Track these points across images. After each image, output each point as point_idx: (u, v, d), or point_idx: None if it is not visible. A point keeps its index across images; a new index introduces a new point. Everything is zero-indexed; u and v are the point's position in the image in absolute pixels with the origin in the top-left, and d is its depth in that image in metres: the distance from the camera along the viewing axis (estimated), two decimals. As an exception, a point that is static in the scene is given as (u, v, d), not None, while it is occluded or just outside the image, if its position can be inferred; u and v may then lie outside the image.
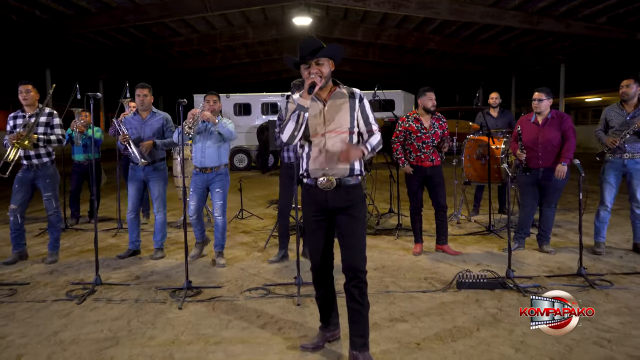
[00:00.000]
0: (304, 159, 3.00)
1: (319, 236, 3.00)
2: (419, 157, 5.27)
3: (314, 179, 2.93)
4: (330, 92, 2.99)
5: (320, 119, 2.95)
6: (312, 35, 3.05)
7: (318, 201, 2.93)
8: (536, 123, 5.22)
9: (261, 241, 5.97)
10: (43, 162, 5.01)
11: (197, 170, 4.99)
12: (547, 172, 5.12)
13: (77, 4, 14.78)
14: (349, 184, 2.91)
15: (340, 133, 2.92)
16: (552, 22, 16.37)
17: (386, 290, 4.12)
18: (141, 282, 4.45)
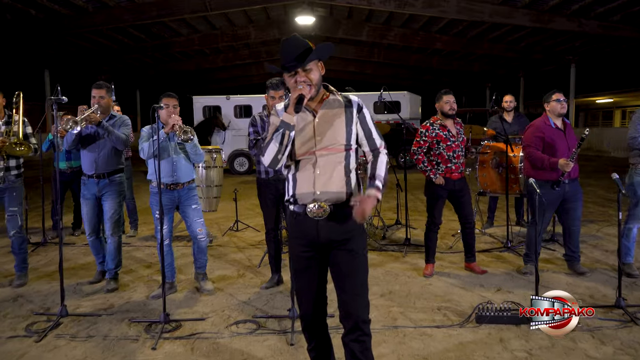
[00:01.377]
0: (290, 182, 2.43)
1: (309, 277, 2.42)
2: (448, 169, 4.71)
3: (302, 206, 2.37)
4: (322, 100, 2.43)
5: (309, 133, 2.38)
6: (294, 34, 2.46)
7: (307, 233, 2.37)
8: (559, 129, 4.67)
9: (255, 258, 5.44)
10: (12, 175, 4.50)
11: (163, 187, 4.17)
12: (574, 184, 4.57)
13: (74, 3, 14.36)
14: (345, 211, 2.34)
15: (334, 151, 2.36)
16: (563, 20, 15.85)
17: (394, 325, 3.56)
18: (115, 311, 3.92)
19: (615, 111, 28.96)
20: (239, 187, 7.87)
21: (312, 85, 2.33)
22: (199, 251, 4.40)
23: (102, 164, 4.38)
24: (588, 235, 6.27)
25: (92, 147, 4.39)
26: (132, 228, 6.72)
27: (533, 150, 4.65)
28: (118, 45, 20.01)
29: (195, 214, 4.35)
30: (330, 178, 2.34)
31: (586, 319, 3.54)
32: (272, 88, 4.05)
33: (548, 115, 4.70)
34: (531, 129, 4.81)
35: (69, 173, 6.41)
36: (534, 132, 4.72)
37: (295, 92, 2.29)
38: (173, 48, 20.88)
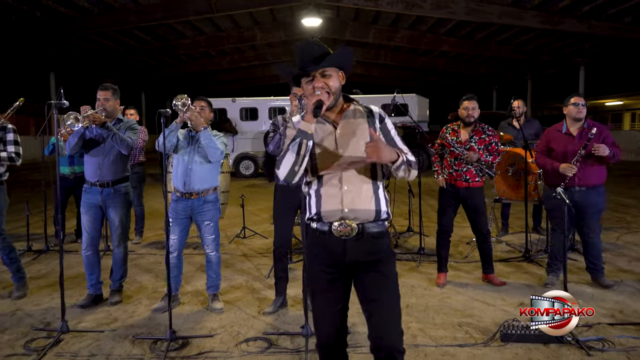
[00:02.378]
0: (313, 198, 2.24)
1: (331, 300, 2.21)
2: (451, 175, 4.55)
3: (327, 224, 2.18)
4: (342, 110, 2.25)
5: (331, 146, 2.20)
6: (314, 38, 2.27)
7: (332, 252, 2.18)
8: (569, 134, 4.46)
9: (264, 268, 5.24)
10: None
11: (177, 195, 4.02)
12: (586, 193, 4.34)
13: (79, 5, 14.28)
14: (373, 231, 2.18)
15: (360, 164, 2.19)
16: (574, 22, 15.66)
17: (415, 344, 3.35)
18: (119, 327, 3.72)
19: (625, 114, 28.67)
20: (245, 191, 7.70)
21: (331, 93, 2.15)
22: (208, 267, 4.13)
23: (107, 171, 4.14)
24: (608, 243, 6.03)
25: (96, 152, 4.15)
26: (137, 235, 6.54)
27: (538, 155, 4.66)
28: (123, 47, 19.91)
29: (207, 231, 4.05)
30: (360, 194, 2.17)
31: (620, 339, 3.33)
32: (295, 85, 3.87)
33: (565, 119, 4.54)
34: (543, 134, 4.80)
35: (72, 179, 6.25)
36: (542, 137, 4.73)
37: (313, 97, 2.11)
38: (178, 50, 20.77)
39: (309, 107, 2.12)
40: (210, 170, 4.08)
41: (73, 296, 4.38)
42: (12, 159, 4.29)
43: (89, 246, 4.20)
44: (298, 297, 4.24)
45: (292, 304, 4.15)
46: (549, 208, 4.66)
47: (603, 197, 4.50)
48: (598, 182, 4.41)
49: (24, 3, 13.68)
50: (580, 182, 4.34)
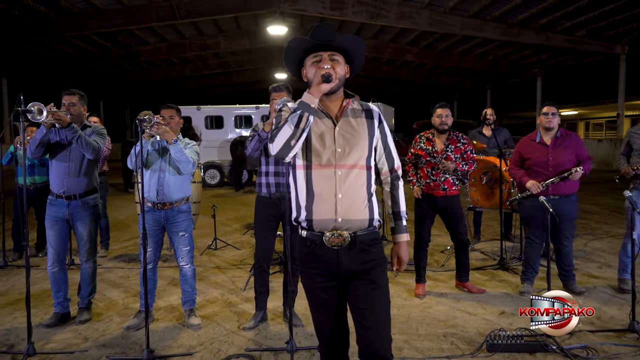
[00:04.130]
0: (302, 197, 2.13)
1: (329, 308, 2.17)
2: (428, 185, 4.54)
3: (319, 234, 2.10)
4: (343, 107, 2.19)
5: (328, 141, 2.12)
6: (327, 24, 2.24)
7: (326, 263, 2.12)
8: (543, 143, 4.54)
9: (239, 280, 5.10)
10: None
11: (148, 205, 3.82)
12: (559, 202, 4.40)
13: (34, 9, 13.75)
14: (366, 238, 2.12)
15: (357, 168, 2.12)
16: (532, 34, 16.26)
17: (401, 357, 3.29)
18: (90, 347, 3.50)
19: (579, 123, 29.80)
20: (212, 201, 7.52)
21: (336, 76, 2.09)
22: (183, 281, 3.96)
23: (73, 183, 3.89)
24: (576, 250, 6.14)
25: (62, 159, 3.88)
26: (103, 247, 6.26)
27: (511, 166, 4.74)
28: (81, 53, 19.33)
29: (182, 242, 3.89)
30: (354, 203, 2.10)
31: (603, 346, 3.37)
32: (274, 90, 3.76)
33: (539, 128, 4.62)
34: (517, 145, 4.85)
35: (32, 190, 5.94)
36: (516, 148, 4.80)
37: (320, 70, 2.06)
38: (140, 57, 20.32)
39: (317, 79, 2.05)
40: (183, 179, 3.94)
41: (37, 315, 4.11)
42: None
43: (55, 262, 3.94)
44: (278, 311, 4.13)
45: (272, 317, 4.03)
46: (524, 217, 4.72)
47: (575, 205, 4.58)
48: (570, 191, 4.49)
49: (-25, 6, 13.09)
50: (554, 191, 4.41)
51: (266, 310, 3.99)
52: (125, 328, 3.81)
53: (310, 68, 2.15)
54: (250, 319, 3.91)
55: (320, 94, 2.07)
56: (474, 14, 15.15)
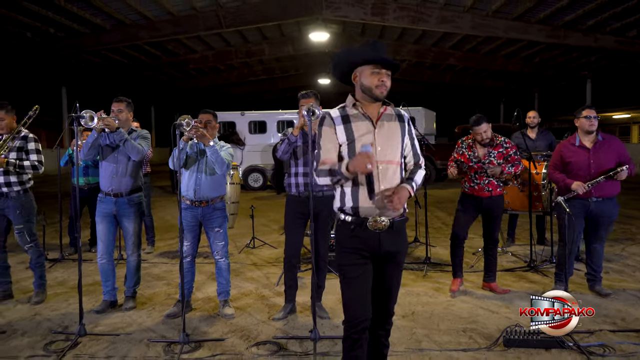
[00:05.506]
0: (349, 192, 2.51)
1: (363, 283, 2.50)
2: (473, 188, 4.67)
3: (361, 218, 2.48)
4: (381, 113, 2.56)
5: (369, 140, 2.47)
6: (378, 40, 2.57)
7: (368, 244, 2.49)
8: (583, 147, 4.54)
9: (273, 276, 5.36)
10: (14, 191, 4.43)
11: (186, 203, 4.15)
12: (602, 204, 4.43)
13: (91, 21, 14.62)
14: (401, 224, 2.57)
15: (393, 164, 2.51)
16: (579, 36, 15.80)
17: (419, 348, 3.46)
18: (133, 331, 3.85)
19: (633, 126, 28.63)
20: (253, 203, 7.82)
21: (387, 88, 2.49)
22: (218, 274, 4.28)
23: (120, 182, 4.27)
24: (613, 254, 6.11)
25: (110, 159, 4.27)
26: (150, 244, 6.70)
27: (551, 170, 4.72)
28: (134, 62, 20.28)
29: (217, 237, 4.21)
30: None
31: (621, 345, 3.42)
32: (302, 97, 4.04)
33: (577, 131, 4.62)
34: (556, 149, 4.85)
35: (87, 189, 6.43)
36: (555, 152, 4.80)
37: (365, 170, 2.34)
38: (188, 65, 21.12)
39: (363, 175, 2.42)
40: (218, 179, 4.24)
41: (89, 302, 4.51)
42: (35, 167, 4.46)
43: (104, 254, 4.34)
44: (306, 304, 4.35)
45: (300, 310, 4.26)
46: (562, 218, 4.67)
47: (617, 208, 4.58)
48: (613, 193, 4.50)
49: (39, 20, 14.04)
50: (597, 193, 4.43)
51: (295, 303, 4.24)
52: (166, 316, 4.15)
53: (370, 77, 2.45)
54: (280, 311, 4.17)
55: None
56: (518, 16, 14.91)
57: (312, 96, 4.01)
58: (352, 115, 2.52)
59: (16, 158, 4.41)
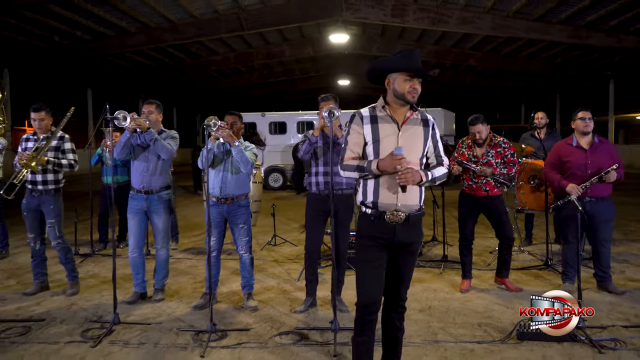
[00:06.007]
0: (371, 187, 2.72)
1: (377, 268, 2.73)
2: (470, 187, 4.81)
3: (381, 212, 2.70)
4: (407, 118, 2.76)
5: (393, 144, 2.69)
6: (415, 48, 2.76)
7: (384, 233, 2.71)
8: (580, 148, 4.63)
9: (294, 272, 5.55)
10: (48, 189, 4.69)
11: (213, 200, 4.37)
12: (597, 204, 4.52)
13: (117, 25, 14.99)
14: (417, 218, 2.77)
15: (413, 165, 2.69)
16: (602, 36, 15.64)
17: (435, 340, 3.61)
18: (163, 320, 4.07)
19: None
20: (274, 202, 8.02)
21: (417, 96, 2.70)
22: (242, 268, 4.49)
23: (151, 180, 4.50)
24: (632, 254, 6.15)
25: (141, 158, 4.51)
26: (174, 241, 6.94)
27: (547, 170, 4.80)
28: (157, 64, 20.71)
29: (242, 233, 4.41)
30: (410, 192, 2.67)
31: (632, 339, 3.52)
32: (322, 100, 4.25)
33: (574, 133, 4.72)
34: (553, 148, 4.93)
35: (116, 188, 6.69)
36: (552, 151, 4.88)
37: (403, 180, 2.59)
38: (210, 66, 21.47)
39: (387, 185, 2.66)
40: (243, 177, 4.45)
41: (120, 294, 4.68)
42: (71, 165, 4.73)
43: (135, 248, 4.58)
44: (326, 299, 4.52)
45: (321, 304, 4.44)
46: (561, 218, 4.77)
47: (611, 207, 4.66)
48: (606, 193, 4.60)
49: (66, 24, 14.47)
50: (591, 193, 4.52)
51: (315, 297, 4.42)
52: (193, 307, 4.36)
53: (403, 83, 2.65)
54: (301, 304, 4.35)
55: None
56: (539, 17, 14.84)
57: (331, 99, 4.20)
58: (380, 117, 2.73)
59: (54, 157, 4.67)
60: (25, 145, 4.72)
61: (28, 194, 4.73)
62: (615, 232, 7.11)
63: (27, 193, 4.73)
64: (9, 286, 5.06)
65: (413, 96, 2.66)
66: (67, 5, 13.01)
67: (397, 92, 2.67)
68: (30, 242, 4.80)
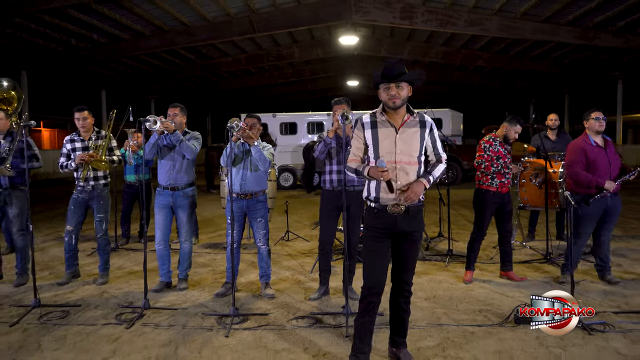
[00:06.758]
0: (373, 182, 3.08)
1: (381, 255, 3.07)
2: (502, 183, 5.08)
3: (384, 205, 3.05)
4: (404, 120, 3.08)
5: (391, 145, 3.04)
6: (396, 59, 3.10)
7: (386, 223, 3.06)
8: (600, 147, 4.91)
9: (307, 265, 5.88)
10: (100, 185, 5.14)
11: (234, 196, 4.68)
12: (614, 199, 4.83)
13: (132, 28, 15.38)
14: (416, 210, 3.10)
15: (410, 164, 3.04)
16: (609, 37, 15.76)
17: (439, 323, 3.93)
18: (189, 306, 4.44)
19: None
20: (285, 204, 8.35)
21: (400, 98, 3.01)
22: (260, 259, 4.83)
23: (176, 177, 4.86)
24: (630, 249, 6.42)
25: (168, 158, 4.88)
26: (193, 236, 7.28)
27: (578, 170, 4.82)
28: (170, 66, 21.13)
29: (260, 227, 4.76)
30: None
31: (621, 324, 3.81)
32: (335, 103, 4.62)
33: (588, 132, 4.96)
34: (573, 148, 4.99)
35: (137, 185, 7.08)
36: (577, 151, 4.91)
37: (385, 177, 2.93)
38: (221, 68, 21.85)
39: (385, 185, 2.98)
40: (261, 175, 4.81)
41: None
42: (120, 161, 5.32)
43: (161, 241, 4.95)
44: (338, 288, 4.85)
45: (333, 293, 4.77)
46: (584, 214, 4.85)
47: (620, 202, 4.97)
48: (618, 189, 4.89)
49: (84, 27, 14.91)
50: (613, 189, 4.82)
51: (328, 286, 4.75)
52: (215, 295, 4.72)
53: (382, 92, 3.04)
54: (315, 292, 4.70)
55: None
56: (546, 18, 15.01)
57: (344, 102, 4.54)
58: (380, 122, 3.09)
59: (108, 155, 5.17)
60: (73, 146, 5.16)
61: (80, 189, 5.13)
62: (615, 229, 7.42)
63: (78, 189, 5.13)
64: (43, 277, 5.43)
65: (394, 102, 2.98)
66: (85, 10, 13.44)
67: (383, 101, 3.05)
68: (65, 236, 5.17)
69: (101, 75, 21.05)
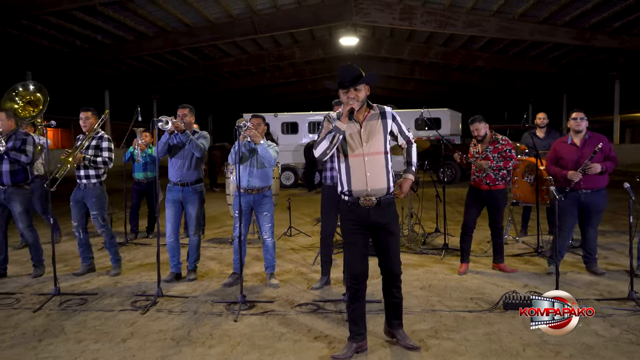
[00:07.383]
0: (344, 177, 3.34)
1: (359, 247, 3.33)
2: (474, 180, 5.46)
3: (356, 198, 3.29)
4: (366, 115, 3.36)
5: (357, 139, 3.29)
6: (350, 63, 3.37)
7: (360, 216, 3.30)
8: (574, 144, 5.20)
9: (309, 258, 6.17)
10: (91, 183, 5.33)
11: (243, 191, 4.94)
12: (591, 196, 5.08)
13: (136, 29, 15.67)
14: (387, 201, 3.32)
15: (378, 154, 3.28)
16: (605, 38, 16.04)
17: (432, 309, 4.22)
18: (198, 295, 4.73)
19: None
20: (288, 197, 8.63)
21: (359, 101, 3.26)
22: (265, 251, 5.11)
23: (186, 174, 5.15)
24: (618, 243, 6.69)
25: (178, 156, 5.16)
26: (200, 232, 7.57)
27: (548, 165, 5.37)
28: (172, 66, 21.42)
29: (265, 220, 5.07)
30: (377, 178, 3.27)
31: (602, 309, 4.09)
32: (336, 104, 4.89)
33: (570, 132, 5.29)
34: (552, 146, 5.50)
35: (145, 183, 7.36)
36: (551, 149, 5.46)
37: (347, 106, 3.23)
38: (223, 68, 22.14)
39: (345, 113, 3.21)
40: (266, 171, 5.09)
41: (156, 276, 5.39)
42: (105, 162, 5.35)
43: (171, 234, 5.24)
44: (339, 279, 5.13)
45: (334, 283, 5.05)
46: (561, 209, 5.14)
47: (605, 199, 5.22)
48: (601, 185, 5.15)
49: (89, 28, 15.20)
50: (586, 185, 5.08)
51: (329, 276, 5.04)
52: (223, 285, 5.01)
53: (342, 95, 3.34)
54: (317, 282, 4.99)
55: (347, 122, 3.22)
56: (544, 19, 15.27)
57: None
58: None
59: (92, 154, 5.32)
60: (75, 145, 5.39)
61: (76, 187, 5.39)
62: (606, 225, 7.73)
63: (76, 186, 5.39)
64: (58, 269, 5.68)
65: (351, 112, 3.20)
66: (90, 11, 13.73)
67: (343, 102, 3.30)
68: (74, 231, 5.46)
69: (104, 76, 21.35)
